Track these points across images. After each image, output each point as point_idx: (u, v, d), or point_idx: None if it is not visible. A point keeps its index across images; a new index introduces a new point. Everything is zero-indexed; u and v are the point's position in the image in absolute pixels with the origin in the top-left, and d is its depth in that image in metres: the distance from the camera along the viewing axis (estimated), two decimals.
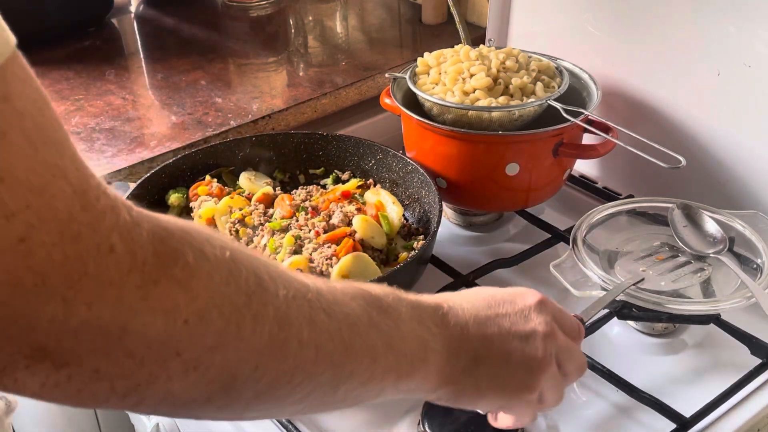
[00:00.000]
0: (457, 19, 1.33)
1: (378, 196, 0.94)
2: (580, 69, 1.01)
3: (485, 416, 0.71)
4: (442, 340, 0.55)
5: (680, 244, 0.88)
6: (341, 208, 0.91)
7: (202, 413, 0.43)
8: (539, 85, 0.95)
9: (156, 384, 0.38)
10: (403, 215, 0.95)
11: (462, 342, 0.56)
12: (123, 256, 0.35)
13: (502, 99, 0.93)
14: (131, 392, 0.37)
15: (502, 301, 0.60)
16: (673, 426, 0.73)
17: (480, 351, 0.56)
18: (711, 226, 0.88)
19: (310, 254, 0.85)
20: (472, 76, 0.95)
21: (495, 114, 0.92)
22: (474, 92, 0.93)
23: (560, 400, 0.62)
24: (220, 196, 0.94)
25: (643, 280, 0.82)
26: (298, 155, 1.03)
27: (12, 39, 0.32)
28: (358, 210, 0.91)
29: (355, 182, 0.98)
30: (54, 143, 0.33)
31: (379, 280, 0.78)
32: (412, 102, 1.00)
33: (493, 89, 0.94)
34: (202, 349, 0.38)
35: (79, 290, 0.33)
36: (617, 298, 0.80)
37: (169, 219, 0.39)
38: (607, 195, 1.06)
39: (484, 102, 0.92)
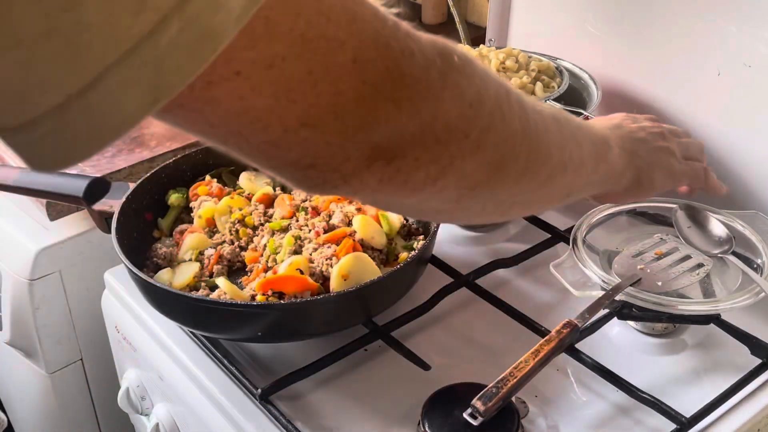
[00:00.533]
0: (457, 19, 1.33)
1: None
2: (580, 69, 1.01)
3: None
4: (609, 133, 0.68)
5: (685, 245, 0.88)
6: (341, 208, 0.91)
7: (484, 193, 0.50)
8: (539, 85, 0.95)
9: (455, 164, 0.45)
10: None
11: (621, 135, 0.70)
12: (420, 57, 0.41)
13: None
14: (440, 175, 0.45)
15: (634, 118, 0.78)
16: (673, 426, 0.73)
17: (633, 139, 0.72)
18: (716, 226, 0.88)
19: (310, 254, 0.85)
20: None
21: None
22: None
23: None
24: (220, 196, 0.94)
25: (640, 279, 0.82)
26: None
27: None
28: (358, 210, 0.91)
29: None
30: None
31: (379, 280, 0.78)
32: None
33: None
34: (480, 129, 0.45)
35: (401, 89, 0.40)
36: (616, 298, 0.80)
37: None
38: None
39: None
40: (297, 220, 0.91)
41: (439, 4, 1.46)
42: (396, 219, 0.92)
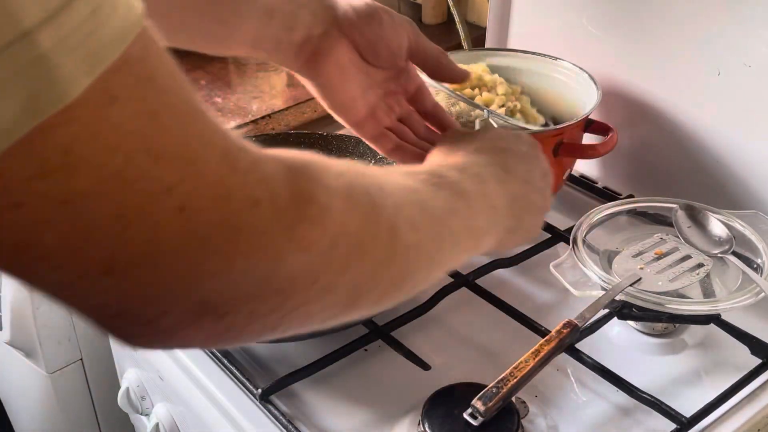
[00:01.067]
0: (457, 19, 1.33)
1: None
2: (580, 69, 1.01)
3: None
4: (494, 203, 0.61)
5: (685, 244, 0.88)
6: None
7: (336, 322, 0.47)
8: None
9: (298, 310, 0.41)
10: None
11: (503, 193, 0.62)
12: (267, 207, 0.37)
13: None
14: (279, 323, 0.41)
15: (494, 143, 0.67)
16: (673, 426, 0.73)
17: (510, 196, 0.63)
18: (716, 226, 0.88)
19: None
20: None
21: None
22: None
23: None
24: None
25: (640, 279, 0.82)
26: None
27: (140, 6, 0.33)
28: None
29: None
30: (197, 113, 0.35)
31: None
32: None
33: None
34: (333, 273, 0.42)
35: (236, 244, 0.36)
36: (616, 298, 0.80)
37: (290, 156, 0.41)
38: (607, 195, 1.06)
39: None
40: None
41: (439, 4, 1.46)
42: None
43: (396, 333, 0.83)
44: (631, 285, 0.80)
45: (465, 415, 0.70)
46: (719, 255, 0.86)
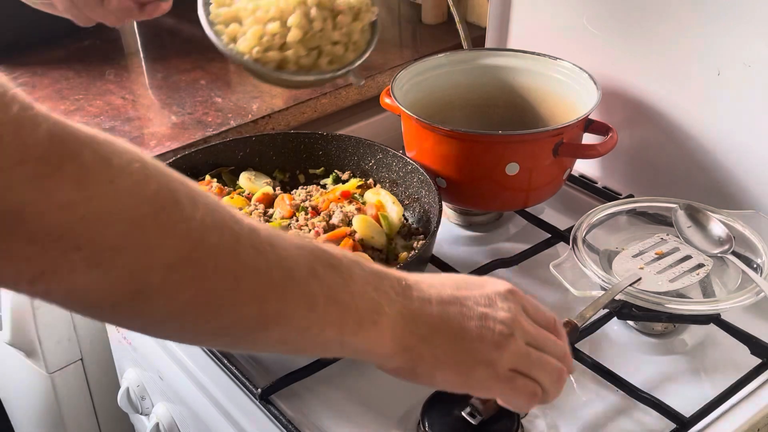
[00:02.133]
0: (457, 19, 1.33)
1: (378, 196, 0.94)
2: (580, 69, 1.01)
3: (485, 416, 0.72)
4: (400, 307, 0.55)
5: (686, 245, 0.88)
6: (341, 208, 0.91)
7: (114, 319, 0.46)
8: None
9: (59, 274, 0.41)
10: (403, 215, 0.95)
11: (422, 314, 0.57)
12: (11, 147, 0.38)
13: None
14: (37, 278, 0.41)
15: (471, 284, 0.61)
16: (673, 426, 0.73)
17: (439, 324, 0.57)
18: (716, 226, 0.88)
19: None
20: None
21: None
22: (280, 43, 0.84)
23: (558, 390, 0.62)
24: (220, 196, 0.94)
25: (640, 279, 0.82)
26: (298, 155, 1.03)
27: None
28: (358, 210, 0.91)
29: (355, 182, 0.98)
30: None
31: None
32: (413, 101, 1.00)
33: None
34: (102, 247, 0.41)
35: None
36: (616, 298, 0.80)
37: (83, 128, 0.42)
38: (607, 195, 1.06)
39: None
40: (297, 220, 0.91)
41: (439, 4, 1.46)
42: (396, 219, 0.92)
43: None
44: (631, 285, 0.80)
45: (464, 414, 0.71)
46: (719, 255, 0.86)
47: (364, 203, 0.94)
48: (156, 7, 0.84)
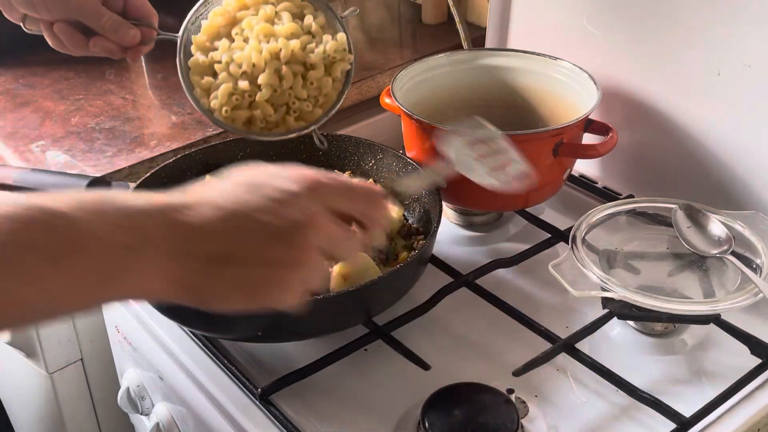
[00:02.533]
0: (457, 19, 1.33)
1: None
2: (580, 69, 1.01)
3: (485, 416, 0.72)
4: (167, 246, 0.52)
5: (684, 245, 0.88)
6: None
7: None
8: (285, 15, 0.88)
9: None
10: (403, 215, 0.95)
11: (197, 242, 0.53)
12: None
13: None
14: None
15: (263, 185, 0.57)
16: (673, 426, 0.73)
17: (222, 249, 0.54)
18: (715, 227, 0.88)
19: None
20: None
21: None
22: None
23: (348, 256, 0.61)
24: None
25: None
26: (298, 155, 1.03)
27: None
28: None
29: None
30: None
31: (379, 280, 0.78)
32: (414, 101, 1.00)
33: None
34: None
35: None
36: (616, 298, 0.80)
37: None
38: (607, 195, 1.06)
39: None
40: None
41: (439, 4, 1.46)
42: (396, 219, 0.92)
43: (396, 333, 0.83)
44: (631, 285, 0.80)
45: (465, 415, 0.71)
46: (719, 255, 0.86)
47: None
48: (138, 51, 0.88)
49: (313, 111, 0.87)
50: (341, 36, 0.88)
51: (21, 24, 0.87)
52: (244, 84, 0.84)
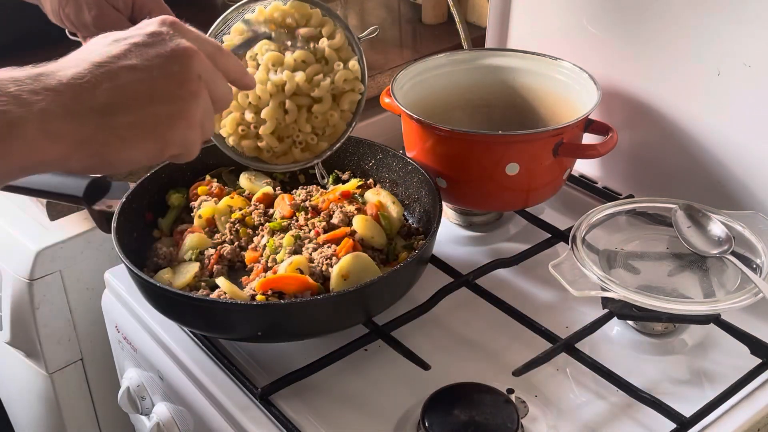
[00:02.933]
0: (457, 19, 1.33)
1: (378, 196, 0.94)
2: (580, 69, 1.01)
3: (485, 416, 0.72)
4: (44, 105, 0.51)
5: (684, 245, 0.88)
6: (341, 208, 0.91)
7: None
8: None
9: None
10: (403, 215, 0.95)
11: (81, 98, 0.53)
12: None
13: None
14: None
15: (129, 36, 0.57)
16: (673, 426, 0.73)
17: (109, 99, 0.54)
18: (715, 227, 0.88)
19: (310, 254, 0.85)
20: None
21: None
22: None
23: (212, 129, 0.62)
24: (220, 196, 0.94)
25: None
26: None
27: None
28: (358, 210, 0.91)
29: (355, 182, 0.98)
30: None
31: (379, 280, 0.78)
32: (414, 101, 1.00)
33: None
34: None
35: None
36: (616, 298, 0.80)
37: None
38: (607, 195, 1.06)
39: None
40: (297, 220, 0.91)
41: (439, 4, 1.46)
42: (396, 218, 0.92)
43: (396, 333, 0.83)
44: (631, 285, 0.80)
45: (465, 415, 0.71)
46: (718, 255, 0.86)
47: (364, 203, 0.94)
48: None
49: (318, 143, 0.86)
50: (353, 64, 0.83)
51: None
52: (249, 116, 0.83)
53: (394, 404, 0.78)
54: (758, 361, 0.80)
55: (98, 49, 0.57)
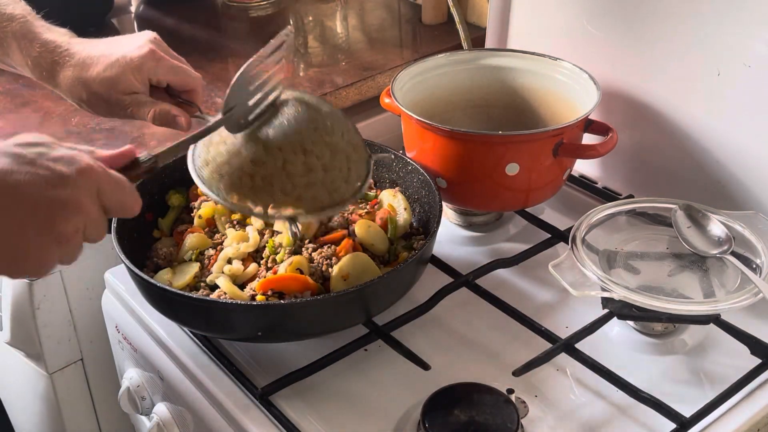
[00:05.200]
0: (457, 19, 1.33)
1: (394, 199, 0.93)
2: (580, 69, 1.01)
3: (485, 416, 0.72)
4: None
5: (684, 245, 0.88)
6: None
7: None
8: None
9: None
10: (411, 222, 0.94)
11: None
12: None
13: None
14: None
15: (38, 159, 0.58)
16: (673, 426, 0.73)
17: None
18: (715, 227, 0.88)
19: (310, 254, 0.85)
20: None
21: None
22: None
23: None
24: None
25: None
26: None
27: None
28: (360, 216, 0.91)
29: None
30: None
31: (379, 280, 0.78)
32: (414, 101, 1.00)
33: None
34: None
35: None
36: (616, 298, 0.80)
37: None
38: (607, 195, 1.06)
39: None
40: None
41: (439, 4, 1.46)
42: (402, 226, 0.91)
43: (396, 333, 0.83)
44: (631, 285, 0.80)
45: (465, 415, 0.71)
46: (718, 255, 0.86)
47: (376, 197, 0.94)
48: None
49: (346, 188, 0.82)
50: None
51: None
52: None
53: (394, 404, 0.78)
54: (758, 361, 0.80)
55: (4, 161, 0.57)
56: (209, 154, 0.78)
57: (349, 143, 0.81)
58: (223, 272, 0.84)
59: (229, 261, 0.85)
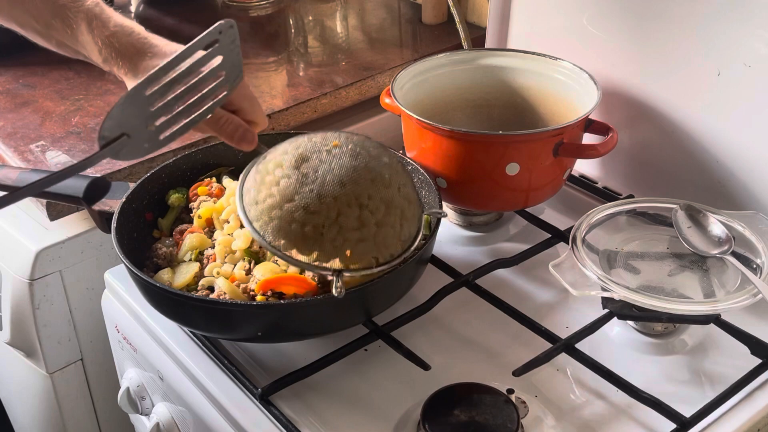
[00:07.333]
0: (457, 19, 1.33)
1: None
2: (580, 69, 1.01)
3: (485, 416, 0.72)
4: None
5: (685, 245, 0.88)
6: None
7: None
8: None
9: None
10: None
11: None
12: None
13: None
14: None
15: None
16: (673, 426, 0.73)
17: None
18: (716, 227, 0.88)
19: None
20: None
21: None
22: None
23: None
24: (219, 196, 0.94)
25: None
26: None
27: None
28: None
29: None
30: None
31: (379, 280, 0.78)
32: (414, 101, 1.00)
33: None
34: None
35: None
36: (616, 298, 0.80)
37: None
38: (607, 195, 1.06)
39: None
40: None
41: (439, 4, 1.46)
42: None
43: (396, 333, 0.83)
44: (631, 285, 0.80)
45: (465, 416, 0.71)
46: (719, 255, 0.86)
47: None
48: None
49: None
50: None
51: None
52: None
53: (394, 404, 0.78)
54: (758, 361, 0.80)
55: None
56: (260, 194, 0.76)
57: (405, 197, 0.80)
58: (213, 275, 0.83)
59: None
